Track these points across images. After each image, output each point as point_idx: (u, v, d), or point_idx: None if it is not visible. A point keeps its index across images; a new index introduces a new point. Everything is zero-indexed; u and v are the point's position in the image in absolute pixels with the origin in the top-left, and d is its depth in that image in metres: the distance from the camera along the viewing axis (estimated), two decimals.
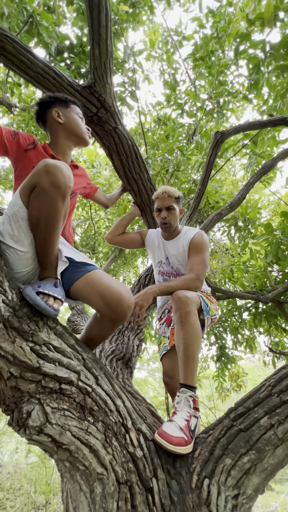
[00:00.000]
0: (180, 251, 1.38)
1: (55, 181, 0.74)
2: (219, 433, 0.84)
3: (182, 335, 0.99)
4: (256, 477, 0.76)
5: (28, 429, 0.62)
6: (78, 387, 0.73)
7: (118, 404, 0.79)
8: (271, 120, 1.95)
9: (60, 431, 0.65)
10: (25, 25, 2.41)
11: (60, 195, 0.75)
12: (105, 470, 0.68)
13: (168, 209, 1.36)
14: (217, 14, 3.10)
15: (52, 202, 0.75)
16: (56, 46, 2.56)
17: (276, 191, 6.23)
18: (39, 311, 0.75)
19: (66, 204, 0.79)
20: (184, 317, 1.01)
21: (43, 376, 0.69)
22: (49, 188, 0.74)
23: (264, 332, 3.24)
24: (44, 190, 0.74)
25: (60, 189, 0.75)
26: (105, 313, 0.85)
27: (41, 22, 2.41)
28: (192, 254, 1.31)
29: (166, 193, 1.35)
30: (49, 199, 0.75)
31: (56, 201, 0.75)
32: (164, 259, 1.48)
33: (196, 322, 1.01)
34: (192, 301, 1.04)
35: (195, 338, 0.98)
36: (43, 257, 0.83)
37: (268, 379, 0.94)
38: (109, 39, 1.28)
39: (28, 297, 0.72)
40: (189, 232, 1.39)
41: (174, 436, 0.78)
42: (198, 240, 1.33)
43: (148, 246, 1.56)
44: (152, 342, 4.26)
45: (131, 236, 1.59)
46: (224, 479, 0.75)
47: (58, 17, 2.80)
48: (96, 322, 0.93)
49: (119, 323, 0.88)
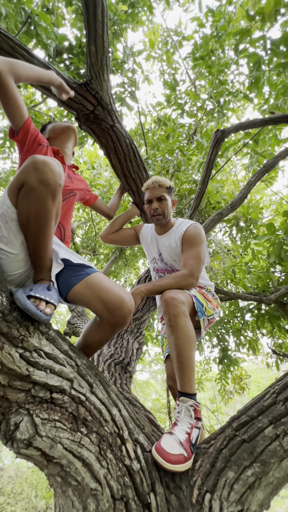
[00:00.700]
0: (173, 245, 1.27)
1: (43, 179, 0.70)
2: (221, 444, 0.80)
3: (173, 340, 0.92)
4: (261, 492, 0.71)
5: (16, 442, 0.58)
6: (71, 395, 0.69)
7: (114, 413, 0.75)
8: (272, 117, 1.91)
9: (51, 444, 0.61)
10: (24, 25, 2.40)
11: (49, 194, 0.71)
12: (99, 485, 0.64)
13: (159, 199, 1.26)
14: (216, 13, 3.08)
15: (41, 201, 0.71)
16: (55, 47, 2.55)
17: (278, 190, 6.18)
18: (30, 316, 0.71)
19: (57, 202, 0.75)
20: (173, 320, 0.93)
21: (33, 385, 0.65)
22: (38, 186, 0.70)
23: (267, 333, 3.19)
24: (33, 189, 0.70)
25: (49, 187, 0.70)
26: (105, 317, 0.82)
27: (39, 23, 2.39)
28: (186, 249, 1.20)
29: (156, 182, 1.26)
30: (38, 198, 0.70)
31: (45, 199, 0.71)
32: (157, 255, 1.39)
33: (187, 324, 0.93)
34: (181, 302, 0.96)
35: (188, 342, 0.91)
36: (36, 259, 0.80)
37: (272, 385, 0.89)
38: (106, 35, 1.25)
39: (18, 301, 0.68)
40: (183, 225, 1.29)
41: (172, 454, 0.72)
42: (192, 232, 1.22)
43: (142, 242, 1.47)
44: (154, 344, 4.21)
45: (126, 232, 1.51)
46: (226, 493, 0.71)
47: (57, 18, 2.79)
48: (95, 326, 0.90)
49: (118, 328, 0.85)
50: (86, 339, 0.92)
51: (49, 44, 2.50)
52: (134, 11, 3.00)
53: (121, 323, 0.83)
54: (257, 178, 2.11)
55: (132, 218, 1.64)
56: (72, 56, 2.69)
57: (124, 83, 3.63)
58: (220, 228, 4.31)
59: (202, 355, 3.90)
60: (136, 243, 1.54)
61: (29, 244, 0.78)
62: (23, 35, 2.38)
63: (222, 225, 3.94)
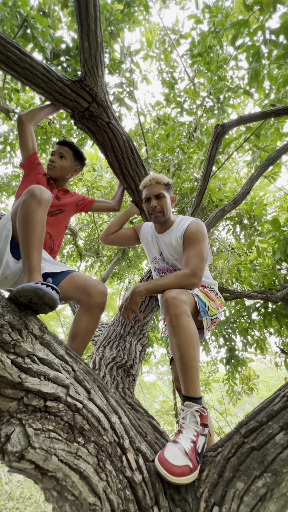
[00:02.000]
0: (174, 244, 1.23)
1: (31, 193, 0.90)
2: (229, 452, 0.75)
3: (175, 341, 0.88)
4: (273, 504, 0.66)
5: (7, 455, 0.54)
6: (67, 403, 0.65)
7: (114, 421, 0.71)
8: (274, 110, 1.86)
9: (45, 456, 0.57)
10: (20, 29, 2.39)
11: (35, 200, 0.89)
12: (98, 499, 0.59)
13: (158, 197, 1.22)
14: (213, 9, 3.04)
15: (28, 205, 0.89)
16: (52, 49, 2.54)
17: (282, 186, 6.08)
18: (27, 312, 0.71)
19: (42, 208, 0.90)
20: (175, 320, 0.89)
21: (25, 393, 0.61)
22: (27, 198, 0.90)
23: (274, 332, 3.11)
24: (24, 201, 0.90)
25: (35, 196, 0.89)
26: (85, 299, 1.00)
27: (35, 26, 2.39)
28: (187, 247, 1.15)
29: (154, 179, 1.22)
30: (26, 205, 0.89)
31: (31, 204, 0.88)
32: (158, 254, 1.35)
33: (189, 325, 0.89)
34: (182, 301, 0.92)
35: (191, 343, 0.86)
36: (25, 260, 0.86)
37: (282, 388, 0.84)
38: (99, 30, 1.22)
39: (27, 287, 0.69)
40: (183, 222, 1.24)
41: (176, 466, 0.67)
42: (193, 229, 1.17)
43: (142, 241, 1.43)
44: (160, 345, 4.16)
45: (125, 233, 1.47)
46: (236, 506, 0.66)
47: (54, 21, 2.79)
48: (79, 315, 1.04)
49: (98, 310, 1.02)
50: (73, 331, 1.03)
51: (46, 47, 2.49)
52: (130, 11, 2.98)
53: (98, 302, 1.00)
54: (260, 173, 2.06)
55: (132, 217, 1.60)
56: (69, 58, 2.68)
57: (122, 83, 3.61)
58: (223, 226, 4.24)
59: (208, 355, 3.83)
60: (137, 243, 1.50)
61: (20, 247, 0.89)
62: (20, 38, 2.37)
63: (226, 223, 3.88)
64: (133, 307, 1.01)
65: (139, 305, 1.02)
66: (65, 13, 2.82)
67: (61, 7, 2.71)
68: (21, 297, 0.70)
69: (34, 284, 0.71)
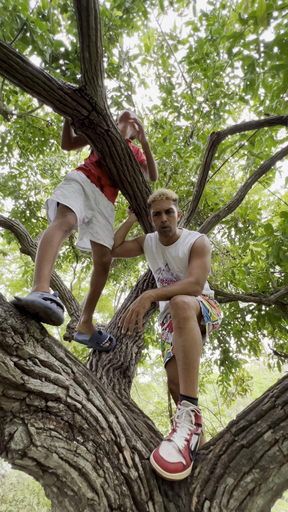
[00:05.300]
0: (181, 256, 1.32)
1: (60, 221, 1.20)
2: (220, 449, 0.79)
3: (180, 342, 0.94)
4: (261, 498, 0.70)
5: (10, 453, 0.57)
6: (67, 403, 0.68)
7: (111, 420, 0.74)
8: (268, 119, 1.92)
9: (46, 454, 0.60)
10: (19, 33, 2.41)
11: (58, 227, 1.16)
12: (96, 495, 0.63)
13: (167, 212, 1.30)
14: (211, 17, 3.10)
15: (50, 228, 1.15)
16: (51, 53, 2.56)
17: (276, 191, 6.19)
18: (28, 316, 0.73)
19: (57, 239, 1.12)
20: (182, 323, 0.95)
21: (28, 393, 0.64)
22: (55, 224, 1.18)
23: (268, 334, 3.17)
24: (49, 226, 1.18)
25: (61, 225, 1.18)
26: (98, 262, 1.47)
27: (35, 30, 2.41)
28: (193, 258, 1.25)
29: (164, 195, 1.30)
30: (51, 228, 1.15)
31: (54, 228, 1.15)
32: (163, 265, 1.42)
33: (195, 328, 0.96)
34: (191, 306, 0.99)
35: (195, 345, 0.93)
36: (38, 271, 0.96)
37: (271, 389, 0.89)
38: (99, 41, 1.26)
39: (37, 303, 0.72)
40: (190, 237, 1.34)
41: (170, 462, 0.71)
42: (200, 244, 1.27)
43: (146, 253, 1.50)
44: (155, 346, 4.19)
45: (129, 246, 1.55)
46: (226, 501, 0.70)
47: (53, 25, 2.81)
48: (95, 275, 1.47)
49: (107, 266, 1.49)
50: (93, 287, 1.48)
51: (45, 50, 2.52)
52: (129, 17, 3.02)
53: (106, 261, 1.48)
54: (254, 180, 2.12)
55: (131, 227, 1.65)
56: (68, 62, 2.71)
57: (121, 87, 3.65)
58: (218, 230, 4.31)
59: (203, 357, 3.88)
60: (140, 254, 1.58)
61: (36, 259, 1.04)
62: (19, 42, 2.40)
63: (221, 226, 3.94)
64: (140, 311, 1.04)
65: (147, 309, 1.07)
66: (64, 17, 2.85)
67: (60, 11, 2.74)
68: (29, 309, 0.73)
69: (44, 302, 0.74)
